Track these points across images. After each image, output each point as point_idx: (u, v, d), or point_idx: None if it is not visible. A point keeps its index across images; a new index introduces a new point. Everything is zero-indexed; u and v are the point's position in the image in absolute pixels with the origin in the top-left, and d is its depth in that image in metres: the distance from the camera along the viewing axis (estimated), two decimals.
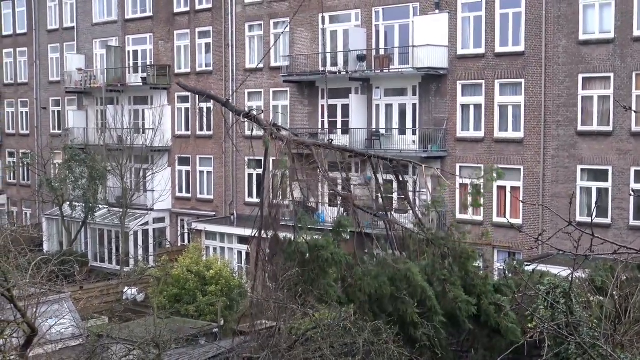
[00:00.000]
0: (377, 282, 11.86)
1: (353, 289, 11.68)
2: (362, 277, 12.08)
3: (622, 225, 28.65)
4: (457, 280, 12.69)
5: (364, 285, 11.75)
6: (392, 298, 12.01)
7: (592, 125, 29.77)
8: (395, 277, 11.92)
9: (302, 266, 12.13)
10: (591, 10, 29.73)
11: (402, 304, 11.74)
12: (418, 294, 11.75)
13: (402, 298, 11.76)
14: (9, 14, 53.19)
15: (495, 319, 12.01)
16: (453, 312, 12.20)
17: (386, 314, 12.25)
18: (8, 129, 53.89)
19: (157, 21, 44.01)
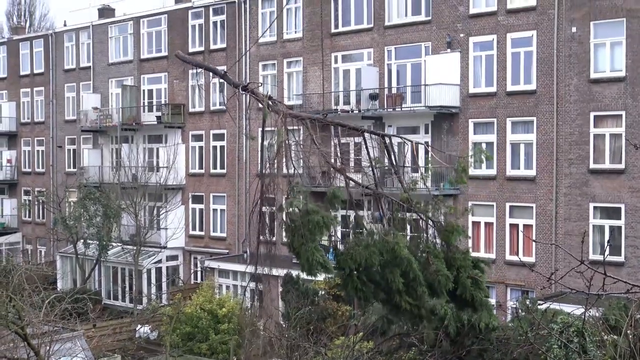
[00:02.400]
0: (367, 251, 12.04)
1: (344, 257, 11.81)
2: (353, 246, 12.25)
3: (635, 263, 28.43)
4: (440, 253, 13.06)
5: (355, 254, 11.90)
6: (380, 267, 12.23)
7: (604, 163, 29.69)
8: (384, 248, 12.10)
9: (292, 233, 12.15)
10: (602, 49, 29.80)
11: (390, 273, 11.96)
12: (403, 266, 11.98)
13: (390, 268, 12.02)
14: (26, 54, 53.74)
15: (470, 291, 12.33)
16: (434, 283, 12.58)
17: (373, 283, 12.50)
18: (24, 167, 54.17)
19: (172, 60, 44.34)
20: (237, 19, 41.14)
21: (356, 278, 12.05)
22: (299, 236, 12.00)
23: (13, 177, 54.47)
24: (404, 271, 12.14)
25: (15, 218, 54.44)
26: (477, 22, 32.69)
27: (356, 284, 12.06)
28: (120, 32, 47.56)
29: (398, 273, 12.09)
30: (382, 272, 12.15)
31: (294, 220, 12.09)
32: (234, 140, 41.39)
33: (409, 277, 12.14)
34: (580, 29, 30.05)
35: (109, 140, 47.33)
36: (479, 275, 13.49)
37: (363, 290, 12.15)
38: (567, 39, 30.36)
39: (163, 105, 44.30)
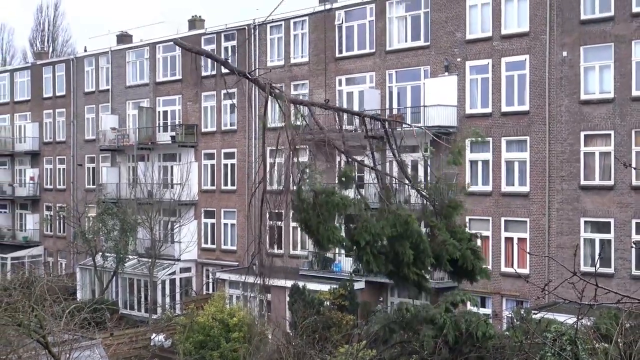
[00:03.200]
0: (380, 224, 12.00)
1: (360, 230, 11.74)
2: (367, 219, 12.20)
3: (624, 274, 28.32)
4: (443, 226, 13.07)
5: (370, 226, 11.84)
6: (390, 240, 12.18)
7: (594, 179, 29.64)
8: (396, 221, 12.05)
9: (307, 214, 12.07)
10: (591, 72, 29.82)
11: (400, 245, 11.93)
12: (414, 238, 11.95)
13: (400, 240, 11.98)
14: (49, 77, 53.94)
15: (471, 261, 12.36)
16: (438, 255, 12.58)
17: (384, 255, 12.48)
18: (46, 184, 54.23)
19: (185, 84, 44.51)
20: (247, 45, 41.27)
21: (369, 251, 12.01)
22: (315, 216, 11.93)
23: (36, 194, 54.54)
24: (412, 243, 12.13)
25: (38, 232, 54.45)
26: (473, 47, 32.76)
27: (369, 256, 12.01)
28: (137, 57, 47.75)
29: (408, 245, 12.07)
30: (392, 245, 12.12)
31: (308, 201, 12.04)
32: (243, 158, 41.42)
33: (418, 249, 12.12)
34: (571, 53, 30.09)
35: (126, 159, 47.41)
36: (476, 246, 13.63)
37: (375, 262, 12.13)
38: (559, 62, 30.39)
39: (177, 126, 44.40)
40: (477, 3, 32.87)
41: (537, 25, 31.00)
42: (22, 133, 55.61)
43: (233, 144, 42.11)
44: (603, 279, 27.50)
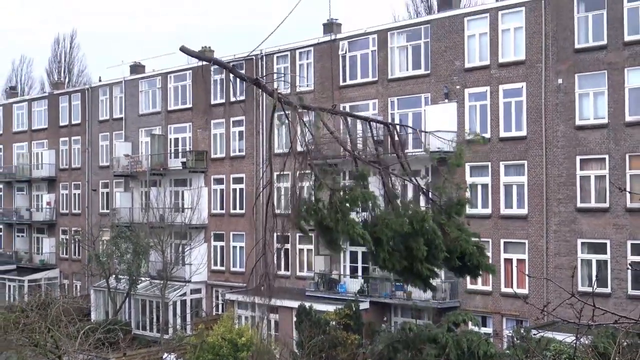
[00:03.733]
0: (399, 221, 11.91)
1: (380, 227, 11.62)
2: (387, 216, 12.09)
3: (621, 294, 28.12)
4: (452, 224, 12.95)
5: (391, 222, 11.72)
6: (405, 236, 12.09)
7: (590, 202, 29.53)
8: (413, 218, 11.97)
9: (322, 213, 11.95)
10: (586, 99, 29.82)
11: (414, 242, 11.85)
12: (429, 234, 11.87)
13: (415, 237, 11.89)
14: (65, 106, 54.14)
15: (477, 257, 12.27)
16: (451, 251, 12.49)
17: (398, 252, 12.38)
18: (62, 209, 54.25)
19: (196, 112, 44.63)
20: (254, 74, 41.37)
21: (385, 248, 11.92)
22: (333, 212, 11.83)
23: (52, 218, 54.55)
24: (426, 240, 12.06)
25: (54, 255, 54.40)
26: (471, 75, 32.83)
27: (385, 254, 11.92)
28: (150, 86, 47.95)
29: (422, 242, 12.00)
30: (407, 241, 12.05)
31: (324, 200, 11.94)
32: (251, 183, 41.39)
33: (431, 246, 12.05)
34: (566, 81, 30.11)
35: (139, 184, 47.45)
36: (480, 243, 13.60)
37: (390, 259, 12.04)
38: (554, 89, 30.41)
39: (188, 152, 44.47)
40: (475, 33, 32.98)
41: (533, 54, 31.06)
42: (39, 160, 55.73)
43: (241, 170, 42.14)
44: (600, 298, 27.30)
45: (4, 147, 59.50)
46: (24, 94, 69.05)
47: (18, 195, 57.61)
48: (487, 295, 32.08)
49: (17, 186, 57.69)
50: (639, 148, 28.29)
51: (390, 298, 34.24)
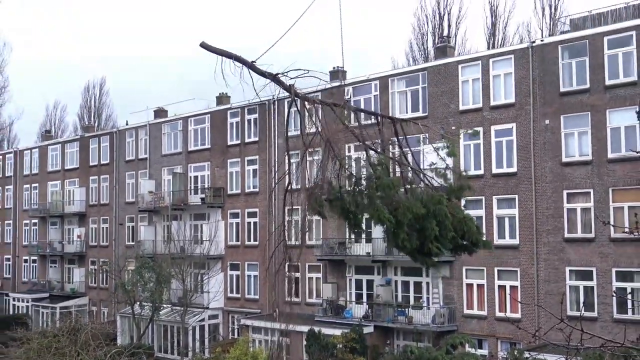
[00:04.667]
0: (418, 204, 11.80)
1: (403, 210, 11.48)
2: (409, 199, 11.97)
3: (607, 318, 27.78)
4: (457, 206, 12.79)
5: (411, 205, 11.61)
6: (422, 218, 11.94)
7: (577, 233, 29.35)
8: (431, 201, 11.87)
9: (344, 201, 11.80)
10: (571, 138, 29.80)
11: (429, 223, 11.72)
12: (441, 216, 11.75)
13: (428, 218, 11.76)
14: (95, 148, 54.45)
15: (476, 235, 12.12)
16: (457, 230, 12.31)
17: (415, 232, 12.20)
18: (91, 242, 54.26)
19: (213, 152, 44.77)
20: (267, 117, 41.61)
21: (405, 229, 11.80)
22: (360, 197, 11.70)
23: (82, 250, 54.54)
24: (438, 221, 11.97)
25: (83, 284, 54.29)
26: (466, 117, 32.88)
27: (404, 234, 11.79)
28: (172, 129, 48.19)
29: (434, 223, 11.92)
30: (421, 222, 11.95)
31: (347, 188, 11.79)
32: (264, 217, 41.34)
33: (441, 226, 11.95)
34: (552, 121, 30.12)
35: (161, 219, 47.45)
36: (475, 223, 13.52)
37: (409, 239, 11.91)
38: (542, 129, 30.40)
39: (206, 189, 44.52)
40: (469, 78, 33.09)
41: (522, 97, 31.12)
42: (71, 197, 55.93)
43: (255, 204, 42.13)
44: (588, 322, 26.99)
45: (40, 186, 59.74)
46: (58, 137, 69.48)
47: (51, 229, 57.70)
48: (483, 319, 31.77)
49: (50, 221, 57.81)
50: (621, 183, 28.17)
51: (392, 323, 33.93)
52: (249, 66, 9.19)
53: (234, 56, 9.18)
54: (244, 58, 9.05)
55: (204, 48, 9.12)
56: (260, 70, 9.34)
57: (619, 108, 28.33)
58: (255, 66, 9.27)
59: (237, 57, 9.19)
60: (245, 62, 9.20)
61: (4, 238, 64.05)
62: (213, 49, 9.01)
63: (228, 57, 9.13)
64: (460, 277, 32.67)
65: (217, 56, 9.01)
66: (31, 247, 59.09)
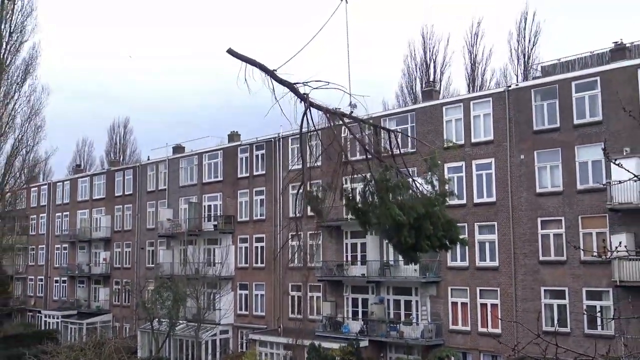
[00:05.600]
0: (419, 204, 11.67)
1: (408, 210, 11.31)
2: (414, 200, 11.81)
3: (579, 333, 27.46)
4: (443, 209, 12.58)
5: (414, 205, 11.46)
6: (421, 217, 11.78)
7: (551, 256, 29.16)
8: (428, 202, 11.75)
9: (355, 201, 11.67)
10: (544, 171, 29.77)
11: (425, 222, 11.55)
12: (435, 217, 11.59)
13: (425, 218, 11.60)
14: (120, 180, 54.44)
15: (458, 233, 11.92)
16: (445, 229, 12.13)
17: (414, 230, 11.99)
18: (115, 264, 53.98)
19: (225, 184, 44.74)
20: (273, 153, 41.64)
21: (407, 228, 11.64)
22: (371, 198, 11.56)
23: (107, 272, 54.22)
24: (432, 221, 11.81)
25: (108, 302, 53.88)
26: (450, 153, 32.83)
27: (406, 231, 11.61)
28: (188, 163, 48.21)
29: (429, 222, 11.79)
30: (419, 222, 11.81)
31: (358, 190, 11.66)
32: (270, 241, 41.17)
33: (435, 226, 11.81)
34: (527, 156, 30.12)
35: (178, 243, 47.24)
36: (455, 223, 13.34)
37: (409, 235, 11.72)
38: (518, 163, 30.39)
39: (218, 217, 44.38)
40: (452, 118, 33.17)
41: (500, 135, 31.16)
42: (97, 224, 55.77)
43: (262, 231, 41.96)
44: (561, 337, 26.69)
45: (70, 214, 59.64)
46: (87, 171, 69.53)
47: (80, 253, 57.48)
48: (467, 334, 31.43)
49: (79, 245, 57.61)
50: (589, 211, 28.06)
51: (385, 337, 33.57)
52: (269, 74, 8.86)
53: (257, 64, 8.89)
54: (266, 66, 8.72)
55: (231, 54, 8.79)
56: (280, 78, 9.02)
57: (586, 144, 28.34)
58: (275, 74, 8.96)
59: (260, 64, 8.88)
60: (267, 70, 8.85)
61: (37, 260, 63.77)
62: (239, 56, 8.68)
63: (252, 64, 8.85)
64: (446, 296, 32.41)
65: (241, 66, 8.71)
66: (61, 269, 58.82)
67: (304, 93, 9.62)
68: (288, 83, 9.03)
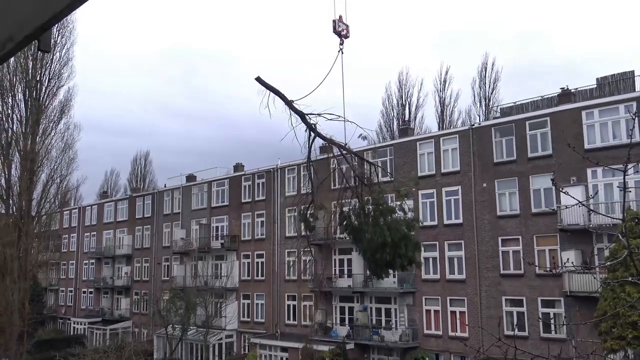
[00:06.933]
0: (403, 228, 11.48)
1: (394, 231, 11.12)
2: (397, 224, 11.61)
3: (535, 337, 27.19)
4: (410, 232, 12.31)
5: (400, 228, 11.28)
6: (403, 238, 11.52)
7: (510, 270, 29.00)
8: (407, 225, 11.56)
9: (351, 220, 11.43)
10: (503, 197, 29.76)
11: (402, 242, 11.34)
12: (410, 237, 11.41)
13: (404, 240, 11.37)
14: (140, 205, 54.07)
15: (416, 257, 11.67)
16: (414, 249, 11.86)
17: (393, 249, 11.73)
18: (135, 277, 53.28)
19: (231, 207, 44.47)
20: (272, 181, 41.51)
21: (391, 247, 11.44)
22: (364, 218, 11.35)
23: (128, 284, 53.53)
24: (405, 242, 11.61)
25: (129, 311, 53.07)
26: (423, 181, 32.85)
27: (388, 250, 11.41)
28: (199, 190, 47.96)
29: (405, 242, 11.63)
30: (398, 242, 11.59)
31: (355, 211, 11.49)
32: (269, 257, 40.82)
33: (407, 247, 11.60)
34: (489, 184, 30.12)
35: (190, 259, 46.74)
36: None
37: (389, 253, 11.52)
38: (480, 190, 30.38)
39: (225, 236, 44.01)
40: (425, 152, 33.22)
41: (465, 166, 31.20)
42: (120, 242, 55.21)
43: (262, 248, 41.61)
44: (520, 340, 26.41)
45: (97, 234, 59.03)
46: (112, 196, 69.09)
47: (105, 267, 56.76)
48: (439, 338, 31.06)
49: (104, 261, 56.91)
50: (542, 231, 28.01)
51: (369, 341, 33.13)
52: (286, 103, 8.64)
53: (280, 95, 8.69)
54: (285, 96, 8.51)
55: (258, 82, 8.58)
56: (295, 108, 8.83)
57: (539, 174, 28.41)
58: (292, 104, 8.75)
59: (281, 94, 8.67)
60: (285, 99, 8.63)
61: (68, 274, 62.94)
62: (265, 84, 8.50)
63: (275, 93, 8.65)
64: (421, 305, 32.10)
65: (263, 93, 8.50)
66: (89, 282, 58.07)
67: (313, 123, 9.52)
68: (301, 113, 8.89)
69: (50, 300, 64.24)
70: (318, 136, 10.16)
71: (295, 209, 39.89)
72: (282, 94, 8.75)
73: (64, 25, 38.49)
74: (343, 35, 11.98)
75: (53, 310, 62.27)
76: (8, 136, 37.53)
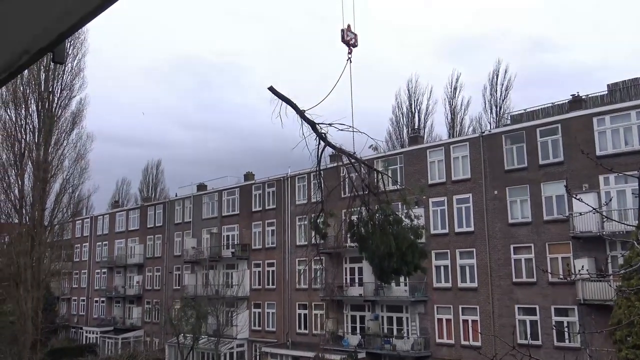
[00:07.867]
0: (410, 236, 11.48)
1: (401, 240, 11.13)
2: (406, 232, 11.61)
3: (549, 345, 26.91)
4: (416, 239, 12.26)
5: (407, 236, 11.30)
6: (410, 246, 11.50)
7: (523, 278, 28.77)
8: (413, 232, 11.56)
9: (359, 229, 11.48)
10: (515, 204, 29.58)
11: (409, 250, 11.31)
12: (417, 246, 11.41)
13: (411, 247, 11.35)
14: (152, 214, 54.26)
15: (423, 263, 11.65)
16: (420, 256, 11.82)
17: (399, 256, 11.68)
18: (147, 286, 53.43)
19: (241, 216, 44.55)
20: (282, 190, 41.56)
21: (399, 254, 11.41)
22: (372, 227, 11.37)
23: (140, 293, 53.67)
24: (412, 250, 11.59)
25: (140, 319, 53.17)
26: (434, 189, 32.76)
27: (395, 258, 11.39)
28: (210, 199, 48.10)
29: (411, 250, 11.63)
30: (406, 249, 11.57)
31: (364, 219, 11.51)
32: (280, 266, 40.79)
33: (413, 254, 11.58)
34: (500, 192, 29.96)
35: (201, 268, 46.82)
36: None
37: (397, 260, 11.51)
38: (492, 198, 30.22)
39: (235, 245, 44.05)
40: (435, 160, 33.14)
41: (476, 174, 31.07)
42: (132, 251, 55.39)
43: (273, 257, 41.60)
44: (534, 349, 26.13)
45: (109, 243, 59.33)
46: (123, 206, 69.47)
47: (116, 277, 56.97)
48: (452, 347, 30.83)
49: (116, 270, 57.14)
50: (555, 238, 27.78)
51: (380, 350, 32.95)
52: (298, 112, 8.64)
53: (291, 104, 8.71)
54: (297, 106, 8.52)
55: (271, 91, 8.61)
56: (307, 117, 8.83)
57: (551, 182, 28.22)
58: (304, 114, 8.75)
59: (292, 104, 8.69)
60: (297, 109, 8.64)
61: (80, 283, 63.24)
62: (277, 94, 8.51)
63: (288, 103, 8.69)
64: (432, 313, 31.90)
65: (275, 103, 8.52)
66: (101, 291, 58.26)
67: (323, 133, 9.53)
68: (312, 122, 8.88)
69: (63, 309, 64.53)
70: (328, 145, 10.16)
71: (305, 217, 39.88)
72: (294, 104, 8.77)
73: (75, 36, 38.93)
74: (351, 44, 12.05)
75: (65, 319, 62.52)
76: (21, 147, 37.93)
